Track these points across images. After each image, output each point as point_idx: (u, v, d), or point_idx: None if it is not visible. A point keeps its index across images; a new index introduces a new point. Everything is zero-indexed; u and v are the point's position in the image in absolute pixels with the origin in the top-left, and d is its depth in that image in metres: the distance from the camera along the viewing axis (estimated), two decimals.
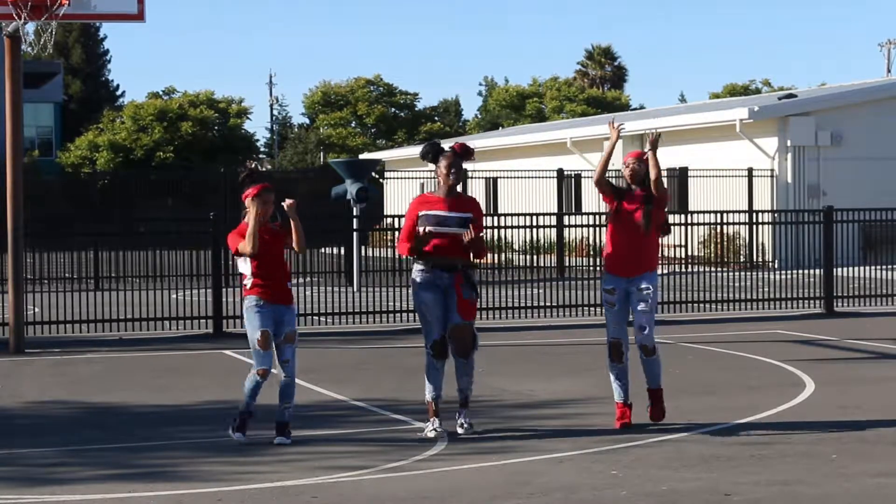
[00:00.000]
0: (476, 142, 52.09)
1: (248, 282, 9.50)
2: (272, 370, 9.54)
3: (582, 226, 22.14)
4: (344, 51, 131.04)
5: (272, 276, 9.49)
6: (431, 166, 10.06)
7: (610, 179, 10.24)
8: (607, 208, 10.17)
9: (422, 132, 64.32)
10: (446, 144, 10.18)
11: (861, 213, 21.26)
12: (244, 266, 9.52)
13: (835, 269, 19.99)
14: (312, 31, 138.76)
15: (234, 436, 9.49)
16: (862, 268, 23.07)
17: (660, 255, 10.70)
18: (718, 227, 23.85)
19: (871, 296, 20.60)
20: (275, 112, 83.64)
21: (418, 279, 9.77)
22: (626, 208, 10.06)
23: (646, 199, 10.05)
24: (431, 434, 9.69)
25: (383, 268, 25.41)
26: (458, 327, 9.71)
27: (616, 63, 73.78)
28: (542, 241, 28.04)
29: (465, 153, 9.88)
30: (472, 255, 9.81)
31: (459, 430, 9.78)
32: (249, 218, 9.44)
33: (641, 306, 9.97)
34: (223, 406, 11.33)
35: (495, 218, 23.31)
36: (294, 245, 9.55)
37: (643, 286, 10.00)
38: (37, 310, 18.94)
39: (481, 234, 9.91)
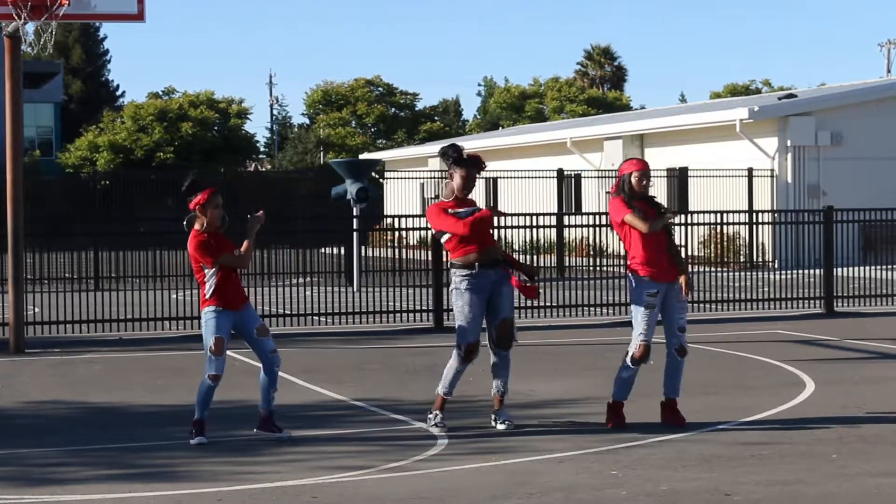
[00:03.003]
0: (476, 142, 52.44)
1: (208, 292, 9.55)
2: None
3: (582, 226, 22.16)
4: (344, 51, 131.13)
5: (228, 282, 9.55)
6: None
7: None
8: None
9: (422, 132, 64.31)
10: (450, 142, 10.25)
11: (861, 213, 21.25)
12: (210, 278, 9.54)
13: (835, 269, 19.99)
14: (312, 31, 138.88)
15: (194, 440, 9.47)
16: (862, 268, 23.07)
17: None
18: (718, 227, 23.86)
19: (871, 296, 20.60)
20: (275, 112, 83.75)
21: (466, 283, 9.84)
22: (649, 215, 9.94)
23: (656, 208, 10.01)
24: (435, 429, 9.76)
25: (383, 268, 25.40)
26: (506, 321, 9.89)
27: (616, 63, 73.83)
28: (542, 241, 28.06)
29: (481, 165, 9.99)
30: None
31: (501, 427, 9.89)
32: (204, 222, 9.50)
33: (682, 308, 10.02)
34: (223, 406, 11.32)
35: (495, 218, 23.27)
36: (239, 259, 9.54)
37: (678, 288, 10.00)
38: (37, 310, 18.93)
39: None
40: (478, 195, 37.80)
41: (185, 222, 9.63)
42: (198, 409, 9.55)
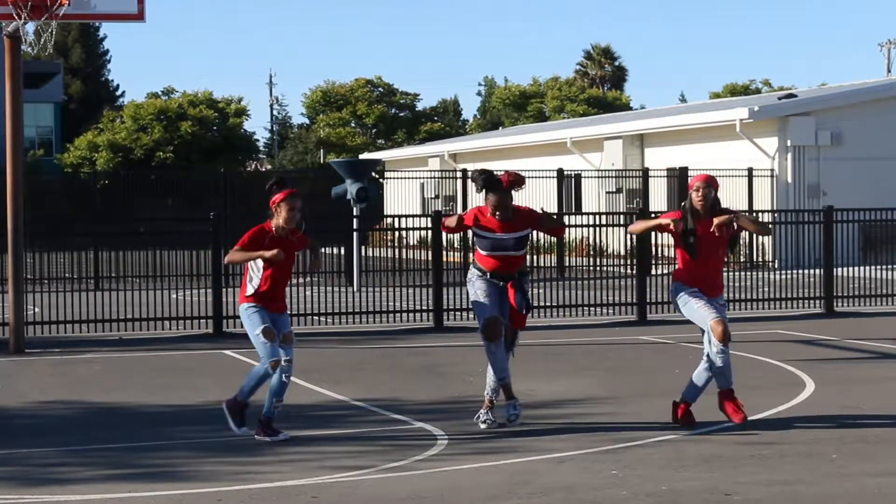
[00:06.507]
0: (476, 142, 52.12)
1: (250, 288, 9.60)
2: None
3: (582, 226, 22.14)
4: (344, 51, 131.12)
5: (275, 287, 9.62)
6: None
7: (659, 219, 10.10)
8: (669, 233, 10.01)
9: (422, 132, 64.32)
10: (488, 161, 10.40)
11: (861, 213, 21.25)
12: (256, 271, 9.59)
13: (835, 269, 19.99)
14: (312, 31, 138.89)
15: (240, 430, 9.53)
16: (862, 268, 23.07)
17: (658, 256, 10.66)
18: None
19: (871, 296, 20.60)
20: (275, 112, 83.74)
21: (476, 277, 9.98)
22: (700, 234, 9.81)
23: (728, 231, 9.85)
24: (483, 425, 9.88)
25: (383, 268, 25.40)
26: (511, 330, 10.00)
27: (616, 63, 73.82)
28: (542, 241, 28.05)
29: (516, 183, 9.93)
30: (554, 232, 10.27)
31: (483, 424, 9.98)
32: (275, 221, 9.65)
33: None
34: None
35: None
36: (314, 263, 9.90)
37: (722, 302, 9.93)
38: (37, 310, 18.93)
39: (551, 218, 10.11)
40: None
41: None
42: (246, 392, 9.59)
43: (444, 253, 19.33)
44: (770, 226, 9.89)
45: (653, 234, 20.44)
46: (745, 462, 8.64)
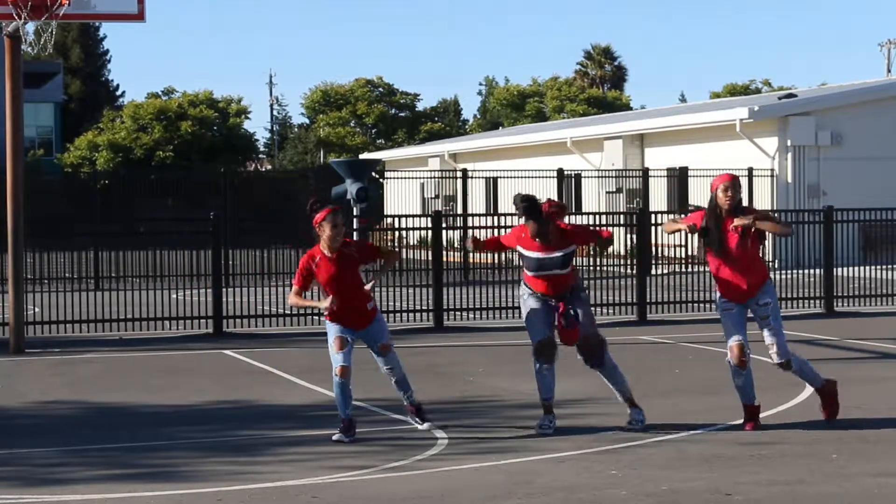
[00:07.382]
0: (476, 142, 51.92)
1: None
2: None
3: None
4: (344, 51, 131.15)
5: (345, 305, 9.73)
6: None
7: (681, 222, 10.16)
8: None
9: (422, 132, 64.32)
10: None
11: (861, 213, 21.25)
12: (323, 290, 9.80)
13: (835, 269, 19.99)
14: (312, 31, 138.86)
15: (335, 437, 9.55)
16: (862, 268, 23.06)
17: (658, 256, 10.65)
18: None
19: (871, 296, 20.60)
20: (275, 112, 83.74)
21: (527, 294, 9.95)
22: (725, 232, 9.87)
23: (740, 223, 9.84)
24: (538, 429, 9.74)
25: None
26: (584, 337, 9.93)
27: (616, 63, 73.78)
28: None
29: (557, 213, 9.89)
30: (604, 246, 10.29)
31: (627, 425, 9.86)
32: (322, 241, 9.77)
33: (767, 321, 9.94)
34: (223, 406, 11.36)
35: (495, 218, 23.31)
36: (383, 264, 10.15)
37: (762, 302, 9.93)
38: (37, 310, 18.93)
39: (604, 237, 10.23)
40: (478, 196, 37.99)
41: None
42: (339, 408, 9.67)
43: (444, 253, 19.32)
44: (791, 225, 9.84)
45: (653, 234, 20.48)
46: (745, 462, 8.64)
